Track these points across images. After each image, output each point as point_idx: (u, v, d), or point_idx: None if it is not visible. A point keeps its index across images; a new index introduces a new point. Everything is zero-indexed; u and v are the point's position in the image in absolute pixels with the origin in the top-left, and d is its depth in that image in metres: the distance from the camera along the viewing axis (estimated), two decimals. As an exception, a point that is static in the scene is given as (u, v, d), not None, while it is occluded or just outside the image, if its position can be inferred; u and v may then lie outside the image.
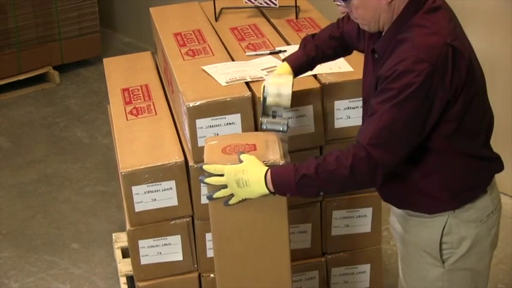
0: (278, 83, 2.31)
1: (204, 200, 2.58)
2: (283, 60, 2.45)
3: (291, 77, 2.36)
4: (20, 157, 4.64)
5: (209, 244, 2.64)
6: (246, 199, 2.12)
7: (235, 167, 2.10)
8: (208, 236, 2.63)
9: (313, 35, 2.46)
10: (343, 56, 2.53)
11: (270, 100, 2.31)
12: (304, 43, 2.45)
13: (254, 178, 2.08)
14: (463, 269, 2.14)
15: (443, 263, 2.12)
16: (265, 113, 2.35)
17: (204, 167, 2.14)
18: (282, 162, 2.14)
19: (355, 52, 2.72)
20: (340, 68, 2.66)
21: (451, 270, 2.13)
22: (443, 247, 2.11)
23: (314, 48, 2.41)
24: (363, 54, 2.63)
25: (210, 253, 2.65)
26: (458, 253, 2.11)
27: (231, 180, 2.10)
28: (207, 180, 2.14)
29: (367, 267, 2.80)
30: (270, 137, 2.28)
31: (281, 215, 2.18)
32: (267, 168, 2.09)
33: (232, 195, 2.12)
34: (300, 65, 2.41)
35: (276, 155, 2.16)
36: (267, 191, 2.07)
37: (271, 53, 2.78)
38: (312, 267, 2.76)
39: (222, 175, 2.11)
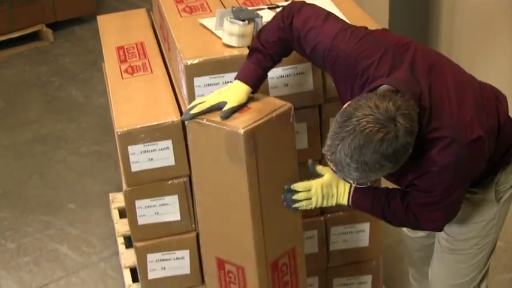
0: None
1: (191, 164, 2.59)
2: (236, 78, 2.30)
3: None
4: (14, 117, 4.63)
5: (207, 204, 2.66)
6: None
7: (322, 182, 2.23)
8: (206, 196, 2.64)
9: (259, 38, 2.30)
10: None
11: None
12: (254, 53, 2.29)
13: (341, 192, 2.25)
14: (510, 198, 2.31)
15: (499, 200, 2.28)
16: None
17: (294, 186, 2.24)
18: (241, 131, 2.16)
19: (350, 9, 2.71)
20: (339, 24, 2.63)
21: (502, 205, 2.29)
22: (498, 192, 2.27)
23: (269, 57, 2.29)
24: (359, 11, 2.63)
25: (208, 213, 2.67)
26: (508, 191, 2.29)
27: (318, 195, 2.24)
28: (297, 204, 2.25)
29: (366, 226, 2.81)
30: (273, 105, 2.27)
31: (241, 182, 2.20)
32: (348, 185, 2.23)
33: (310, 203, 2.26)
34: (259, 80, 2.30)
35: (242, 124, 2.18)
36: (346, 204, 2.26)
37: (269, 8, 2.75)
38: (311, 226, 2.76)
39: (309, 190, 2.24)
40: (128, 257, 3.25)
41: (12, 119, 4.61)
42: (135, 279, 3.11)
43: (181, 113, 2.59)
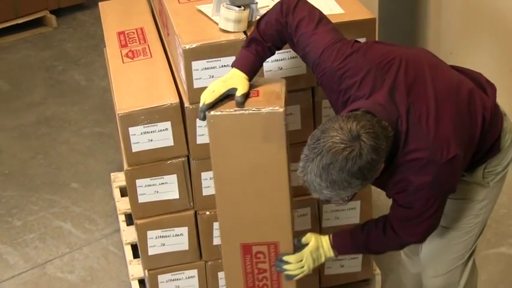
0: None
1: (199, 140, 2.58)
2: (233, 66, 2.28)
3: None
4: (20, 100, 4.62)
5: (205, 183, 2.65)
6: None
7: (310, 250, 2.29)
8: (204, 175, 2.64)
9: (258, 29, 2.27)
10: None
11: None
12: (253, 43, 2.26)
13: (326, 249, 2.30)
14: (500, 180, 2.31)
15: (489, 183, 2.27)
16: None
17: (286, 258, 2.30)
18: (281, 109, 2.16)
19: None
20: (331, 10, 2.62)
21: (492, 187, 2.29)
22: (486, 176, 2.26)
23: (267, 50, 2.27)
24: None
25: (205, 191, 2.66)
26: (501, 173, 2.29)
27: (309, 261, 2.30)
28: (291, 273, 2.30)
29: (357, 204, 2.81)
30: (274, 84, 2.26)
31: (281, 160, 2.20)
32: (327, 236, 2.31)
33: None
34: (256, 70, 2.28)
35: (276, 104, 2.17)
36: (333, 256, 2.32)
37: (264, -4, 2.74)
38: (304, 204, 2.77)
39: (300, 260, 2.30)
40: (128, 234, 3.26)
41: (17, 102, 4.60)
42: (135, 255, 3.12)
43: (179, 95, 2.59)
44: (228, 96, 2.21)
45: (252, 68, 2.25)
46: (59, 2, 5.51)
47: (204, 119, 2.19)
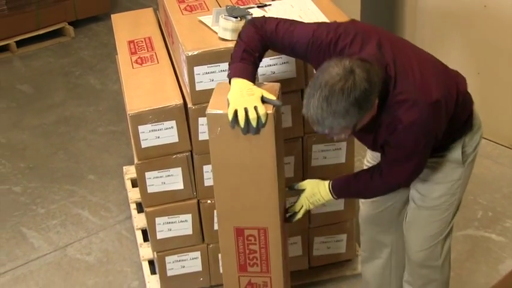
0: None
1: (201, 137, 2.57)
2: (234, 77, 2.16)
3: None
4: (42, 102, 4.60)
5: (206, 175, 2.64)
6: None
7: (305, 196, 2.31)
8: (205, 168, 2.62)
9: (243, 44, 2.19)
10: None
11: None
12: (245, 55, 2.17)
13: (324, 194, 2.28)
14: (472, 162, 2.31)
15: (466, 161, 2.27)
16: None
17: (292, 208, 2.34)
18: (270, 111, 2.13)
19: (325, 5, 2.69)
20: (317, 19, 2.60)
21: (466, 168, 2.29)
22: (463, 155, 2.26)
23: (258, 59, 2.21)
24: (333, 8, 2.60)
25: (206, 182, 2.65)
26: (472, 154, 2.29)
27: (308, 205, 2.31)
28: (297, 217, 2.34)
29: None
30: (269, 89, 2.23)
31: (270, 155, 2.19)
32: (328, 182, 2.28)
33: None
34: (254, 78, 2.20)
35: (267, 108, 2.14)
36: (332, 198, 2.29)
37: (258, 7, 2.72)
38: (295, 194, 2.74)
39: (301, 207, 2.32)
40: (139, 220, 3.25)
41: (40, 103, 4.58)
42: (145, 239, 3.11)
43: (183, 97, 2.58)
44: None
45: (252, 77, 2.19)
46: (76, 14, 5.49)
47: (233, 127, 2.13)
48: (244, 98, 2.10)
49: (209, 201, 2.68)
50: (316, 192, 2.30)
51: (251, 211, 2.28)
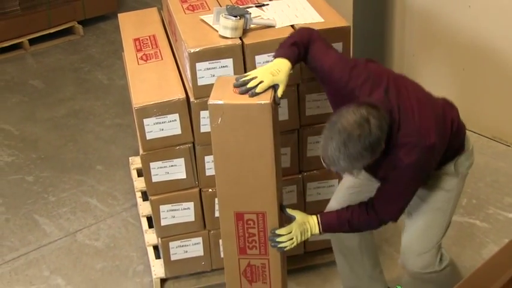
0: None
1: (202, 129, 2.55)
2: (277, 57, 2.22)
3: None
4: (53, 96, 4.58)
5: (207, 165, 2.63)
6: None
7: (297, 223, 2.29)
8: (207, 158, 2.61)
9: (296, 37, 2.27)
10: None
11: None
12: (293, 47, 2.24)
13: (312, 225, 2.29)
14: (464, 178, 2.36)
15: (458, 175, 2.32)
16: None
17: (278, 231, 2.29)
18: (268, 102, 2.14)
19: (321, 6, 2.66)
20: (313, 19, 2.59)
21: (459, 181, 2.34)
22: (456, 169, 2.32)
23: (301, 54, 2.25)
24: (328, 8, 2.58)
25: (208, 172, 2.64)
26: (463, 172, 2.35)
27: (297, 234, 2.29)
28: (282, 245, 2.29)
29: (335, 182, 2.79)
30: None
31: (268, 144, 2.18)
32: (315, 217, 2.30)
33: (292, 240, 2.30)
34: (296, 61, 2.26)
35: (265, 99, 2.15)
36: (318, 233, 2.31)
37: (257, 6, 2.70)
38: (291, 182, 2.74)
39: (290, 232, 2.28)
40: (144, 208, 3.23)
41: (51, 98, 4.56)
42: (150, 225, 3.10)
43: (186, 92, 2.56)
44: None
45: (293, 61, 2.22)
46: (85, 14, 5.46)
47: (252, 95, 2.15)
48: (265, 72, 2.16)
49: (210, 190, 2.67)
50: (305, 221, 2.30)
51: (250, 197, 2.28)
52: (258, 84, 2.14)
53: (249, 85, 2.15)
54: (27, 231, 3.37)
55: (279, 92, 2.17)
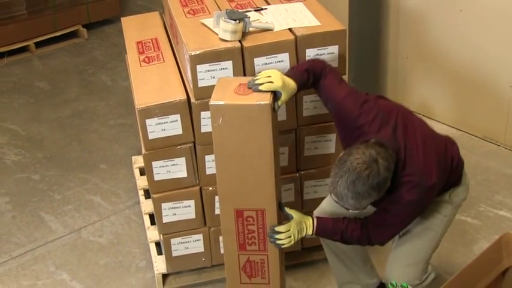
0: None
1: (203, 130, 2.54)
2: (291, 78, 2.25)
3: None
4: (58, 97, 4.56)
5: (208, 164, 2.62)
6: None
7: (295, 221, 2.28)
8: (207, 158, 2.60)
9: (310, 65, 2.31)
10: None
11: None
12: (304, 73, 2.27)
13: (308, 225, 2.29)
14: (456, 208, 2.39)
15: (452, 203, 2.35)
16: None
17: (277, 228, 2.28)
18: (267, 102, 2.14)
19: (318, 11, 2.65)
20: (310, 22, 2.58)
21: (452, 209, 2.36)
22: (451, 198, 2.35)
23: (309, 81, 2.28)
24: (325, 12, 2.57)
25: (208, 171, 2.63)
26: (457, 202, 2.38)
27: (295, 232, 2.28)
28: (280, 242, 2.29)
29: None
30: None
31: (268, 143, 2.18)
32: (311, 218, 2.31)
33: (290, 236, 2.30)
34: (300, 83, 2.26)
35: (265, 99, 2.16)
36: (311, 233, 2.31)
37: (255, 10, 2.69)
38: (289, 181, 2.73)
39: (288, 230, 2.28)
40: (147, 206, 3.22)
41: (56, 99, 4.54)
42: (152, 222, 3.09)
43: (187, 94, 2.55)
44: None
45: (302, 85, 2.25)
46: (89, 18, 5.45)
47: (255, 90, 2.17)
48: (279, 76, 2.19)
49: (210, 188, 2.66)
50: (302, 221, 2.31)
51: (250, 194, 2.27)
52: (265, 83, 2.17)
53: (259, 81, 2.17)
54: (34, 228, 3.36)
55: (280, 102, 2.19)
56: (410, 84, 3.99)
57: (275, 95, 2.19)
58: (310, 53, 2.52)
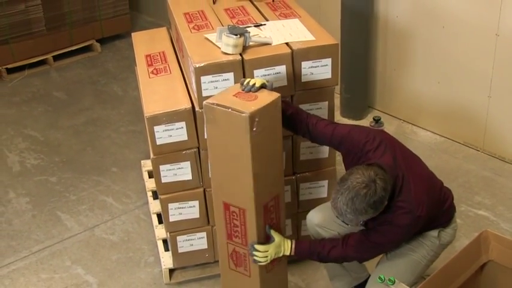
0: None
1: (207, 136, 2.52)
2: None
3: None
4: (74, 106, 4.55)
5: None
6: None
7: (274, 245, 2.30)
8: (211, 162, 2.58)
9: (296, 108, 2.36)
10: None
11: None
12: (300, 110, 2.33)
13: (286, 248, 2.32)
14: (445, 246, 2.37)
15: (440, 240, 2.33)
16: None
17: (256, 246, 2.28)
18: (247, 115, 2.11)
19: (312, 27, 2.64)
20: (305, 37, 2.57)
21: (438, 246, 2.33)
22: (441, 234, 2.33)
23: (301, 124, 2.32)
24: (319, 28, 2.55)
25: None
26: (447, 238, 2.35)
27: (272, 254, 2.30)
28: (257, 259, 2.30)
29: (325, 183, 2.76)
30: (268, 96, 2.21)
31: (246, 152, 2.16)
32: (290, 242, 2.32)
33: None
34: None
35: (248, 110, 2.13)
36: (288, 254, 2.33)
37: (255, 26, 2.67)
38: (286, 183, 2.69)
39: (266, 251, 2.29)
40: (154, 206, 3.21)
41: (72, 107, 4.53)
42: (160, 221, 3.07)
43: (192, 103, 2.54)
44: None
45: (288, 108, 2.30)
46: (102, 33, 5.45)
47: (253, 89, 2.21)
48: (259, 79, 2.23)
49: (213, 190, 2.64)
50: (281, 245, 2.32)
51: (233, 192, 2.26)
52: (254, 84, 2.20)
53: (251, 82, 2.21)
54: (51, 226, 3.34)
55: (269, 80, 2.23)
56: (397, 94, 3.98)
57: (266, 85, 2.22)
58: (306, 65, 2.51)
